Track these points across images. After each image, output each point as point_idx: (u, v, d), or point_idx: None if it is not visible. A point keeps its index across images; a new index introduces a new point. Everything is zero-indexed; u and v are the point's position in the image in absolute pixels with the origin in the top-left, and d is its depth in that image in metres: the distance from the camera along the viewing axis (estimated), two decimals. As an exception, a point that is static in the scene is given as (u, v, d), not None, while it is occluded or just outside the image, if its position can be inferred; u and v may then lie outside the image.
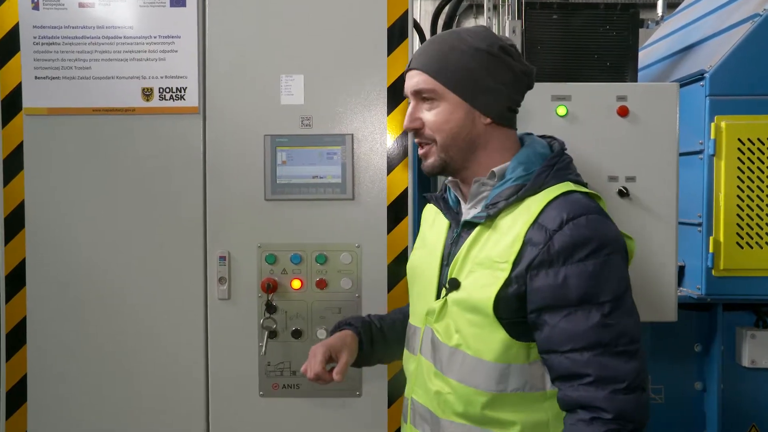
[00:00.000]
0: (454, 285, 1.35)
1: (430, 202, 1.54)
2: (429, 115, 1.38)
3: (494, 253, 1.30)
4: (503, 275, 1.27)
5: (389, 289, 2.01)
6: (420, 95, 1.39)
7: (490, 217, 1.33)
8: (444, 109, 1.37)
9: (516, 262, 1.27)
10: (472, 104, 1.36)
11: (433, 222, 1.54)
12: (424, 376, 1.42)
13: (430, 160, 1.40)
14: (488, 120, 1.38)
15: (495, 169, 1.38)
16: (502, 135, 1.41)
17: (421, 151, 1.42)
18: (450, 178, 1.49)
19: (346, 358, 1.51)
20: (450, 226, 1.46)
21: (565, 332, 1.24)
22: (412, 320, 1.52)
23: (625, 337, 1.23)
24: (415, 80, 1.39)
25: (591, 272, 1.23)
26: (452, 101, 1.36)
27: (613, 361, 1.22)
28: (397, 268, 2.00)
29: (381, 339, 1.63)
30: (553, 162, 1.36)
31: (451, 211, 1.46)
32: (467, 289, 1.33)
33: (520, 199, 1.32)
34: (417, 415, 1.44)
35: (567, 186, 1.33)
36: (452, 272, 1.37)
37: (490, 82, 1.37)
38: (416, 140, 1.42)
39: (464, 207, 1.45)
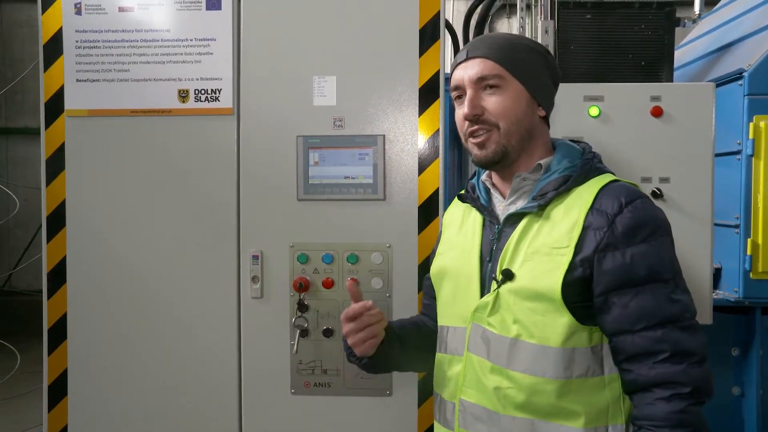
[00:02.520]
0: (508, 275, 1.35)
1: (465, 202, 1.54)
2: (492, 101, 1.39)
3: (551, 240, 1.33)
4: (565, 260, 1.31)
5: (419, 289, 2.02)
6: (483, 82, 1.40)
7: (540, 208, 1.36)
8: (509, 95, 1.39)
9: (579, 247, 1.31)
10: (533, 95, 1.42)
11: (462, 224, 1.53)
12: (477, 374, 1.40)
13: (491, 148, 1.40)
14: (543, 113, 1.44)
15: (541, 162, 1.42)
16: (546, 131, 1.47)
17: (477, 140, 1.41)
18: (485, 175, 1.51)
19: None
20: (484, 223, 1.47)
21: (636, 311, 1.28)
22: (448, 322, 1.50)
23: (689, 311, 1.30)
24: (479, 68, 1.40)
25: (654, 251, 1.29)
26: (516, 89, 1.40)
27: (684, 335, 1.28)
28: (428, 269, 2.01)
29: (398, 341, 1.57)
30: (591, 156, 1.43)
31: (487, 209, 1.47)
32: (525, 278, 1.33)
33: (569, 189, 1.36)
34: (469, 417, 1.41)
35: (610, 176, 1.40)
36: (502, 264, 1.37)
37: (544, 78, 1.44)
38: (473, 128, 1.41)
39: (502, 203, 1.46)
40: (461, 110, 1.42)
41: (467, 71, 1.41)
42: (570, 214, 1.34)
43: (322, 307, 2.05)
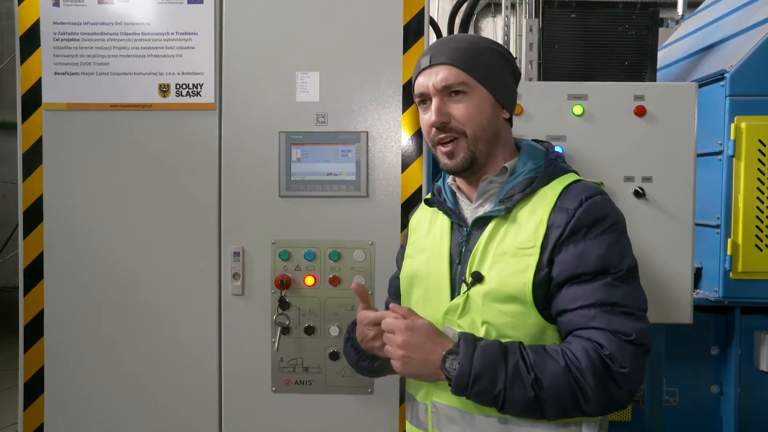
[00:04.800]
0: (478, 278, 1.36)
1: (432, 206, 1.54)
2: (458, 108, 1.40)
3: (517, 241, 1.35)
4: (533, 260, 1.32)
5: (402, 287, 2.01)
6: (449, 89, 1.40)
7: (507, 210, 1.37)
8: (474, 102, 1.40)
9: (544, 246, 1.33)
10: (498, 98, 1.42)
11: (430, 227, 1.54)
12: None
13: (460, 156, 1.41)
14: (507, 115, 1.45)
15: (506, 165, 1.43)
16: (509, 132, 1.49)
17: (446, 149, 1.41)
18: (451, 179, 1.52)
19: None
20: (452, 226, 1.47)
21: (576, 292, 1.29)
22: None
23: (632, 301, 1.29)
24: (443, 75, 1.39)
25: (608, 245, 1.31)
26: (481, 94, 1.40)
27: (620, 318, 1.27)
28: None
29: None
30: (554, 156, 1.45)
31: (455, 212, 1.48)
32: (494, 280, 1.34)
33: (534, 190, 1.38)
34: (443, 418, 1.41)
35: (574, 176, 1.43)
36: (471, 267, 1.38)
37: (507, 80, 1.45)
38: (440, 136, 1.41)
39: (469, 206, 1.48)
40: (427, 116, 1.43)
41: (431, 78, 1.41)
42: (535, 215, 1.35)
43: (303, 305, 2.04)
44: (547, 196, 1.37)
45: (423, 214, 1.59)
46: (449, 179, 1.53)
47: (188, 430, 2.08)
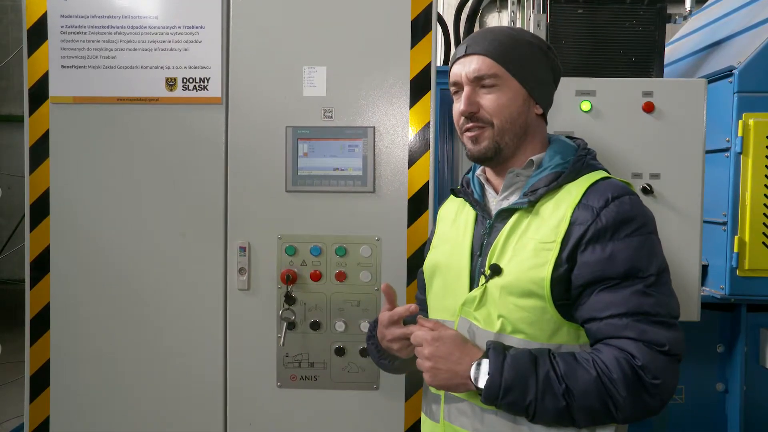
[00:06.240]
0: (496, 271, 1.35)
1: (458, 196, 1.54)
2: (488, 99, 1.40)
3: (539, 235, 1.33)
4: (552, 255, 1.30)
5: (408, 282, 2.01)
6: (480, 80, 1.40)
7: (530, 203, 1.36)
8: (505, 94, 1.40)
9: (564, 242, 1.31)
10: (530, 92, 1.42)
11: (455, 218, 1.54)
12: None
13: (484, 144, 1.41)
14: (540, 110, 1.44)
15: (533, 158, 1.43)
16: (542, 128, 1.47)
17: (471, 134, 1.42)
18: (480, 170, 1.52)
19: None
20: (477, 218, 1.47)
21: (606, 300, 1.27)
22: (437, 315, 1.50)
23: (664, 308, 1.27)
24: (476, 65, 1.40)
25: (636, 248, 1.28)
26: (513, 87, 1.40)
27: (653, 327, 1.24)
28: (417, 262, 2.00)
29: None
30: (585, 153, 1.43)
31: (480, 204, 1.47)
32: (512, 273, 1.33)
33: (559, 186, 1.37)
34: (454, 410, 1.41)
35: (602, 173, 1.40)
36: (491, 259, 1.37)
37: (543, 75, 1.44)
38: (468, 125, 1.42)
39: (495, 198, 1.47)
40: (458, 105, 1.43)
41: (465, 68, 1.41)
42: (558, 210, 1.34)
43: (309, 300, 2.04)
44: (572, 192, 1.35)
45: (451, 206, 1.59)
46: (478, 171, 1.52)
47: (193, 425, 2.08)
